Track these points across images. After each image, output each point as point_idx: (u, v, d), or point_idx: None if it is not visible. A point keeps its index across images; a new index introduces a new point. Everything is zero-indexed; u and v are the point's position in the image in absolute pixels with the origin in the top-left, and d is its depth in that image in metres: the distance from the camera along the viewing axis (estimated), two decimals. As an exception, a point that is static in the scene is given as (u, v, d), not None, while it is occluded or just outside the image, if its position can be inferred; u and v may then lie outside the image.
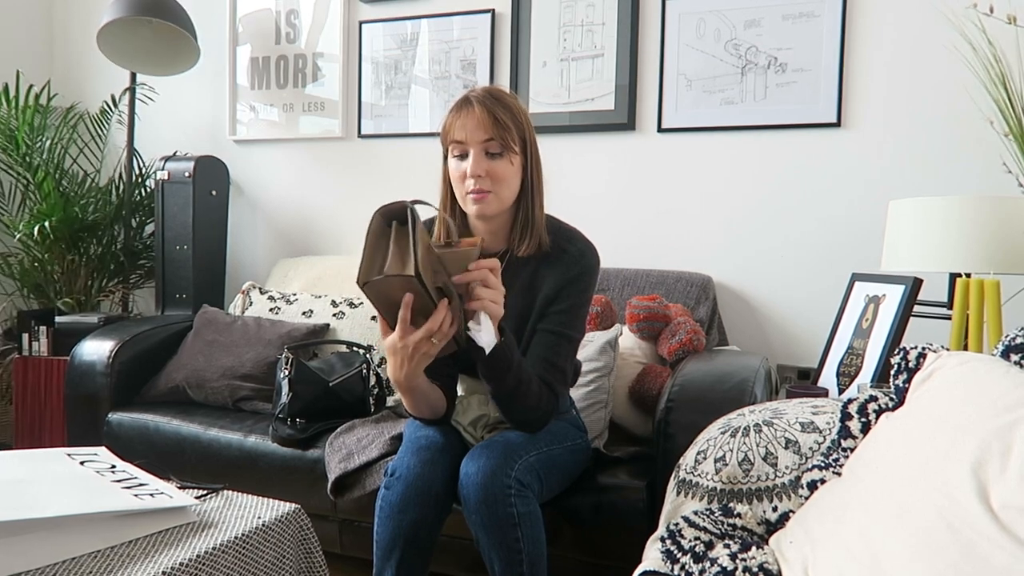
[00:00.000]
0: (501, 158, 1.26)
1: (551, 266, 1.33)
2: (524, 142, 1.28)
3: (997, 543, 0.66)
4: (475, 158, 1.24)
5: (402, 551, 1.22)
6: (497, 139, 1.24)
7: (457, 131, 1.25)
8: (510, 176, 1.27)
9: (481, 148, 1.25)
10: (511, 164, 1.27)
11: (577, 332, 1.34)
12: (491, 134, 1.24)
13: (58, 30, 3.10)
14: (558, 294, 1.32)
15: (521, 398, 1.24)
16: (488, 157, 1.25)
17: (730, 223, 2.19)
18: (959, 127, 1.95)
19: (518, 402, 1.25)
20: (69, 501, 0.99)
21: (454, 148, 1.28)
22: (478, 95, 1.26)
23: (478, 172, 1.24)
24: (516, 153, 1.27)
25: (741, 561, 0.88)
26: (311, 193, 2.72)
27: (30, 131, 2.65)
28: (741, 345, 2.18)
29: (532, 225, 1.31)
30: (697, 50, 2.17)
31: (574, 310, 1.33)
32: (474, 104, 1.25)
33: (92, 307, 2.75)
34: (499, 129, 1.24)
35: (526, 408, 1.26)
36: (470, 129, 1.24)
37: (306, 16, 2.66)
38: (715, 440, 1.13)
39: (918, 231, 1.57)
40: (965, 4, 1.89)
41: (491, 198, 1.26)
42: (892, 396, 1.00)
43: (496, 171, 1.25)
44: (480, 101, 1.25)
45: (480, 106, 1.24)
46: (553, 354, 1.31)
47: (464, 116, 1.25)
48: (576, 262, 1.33)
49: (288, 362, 1.79)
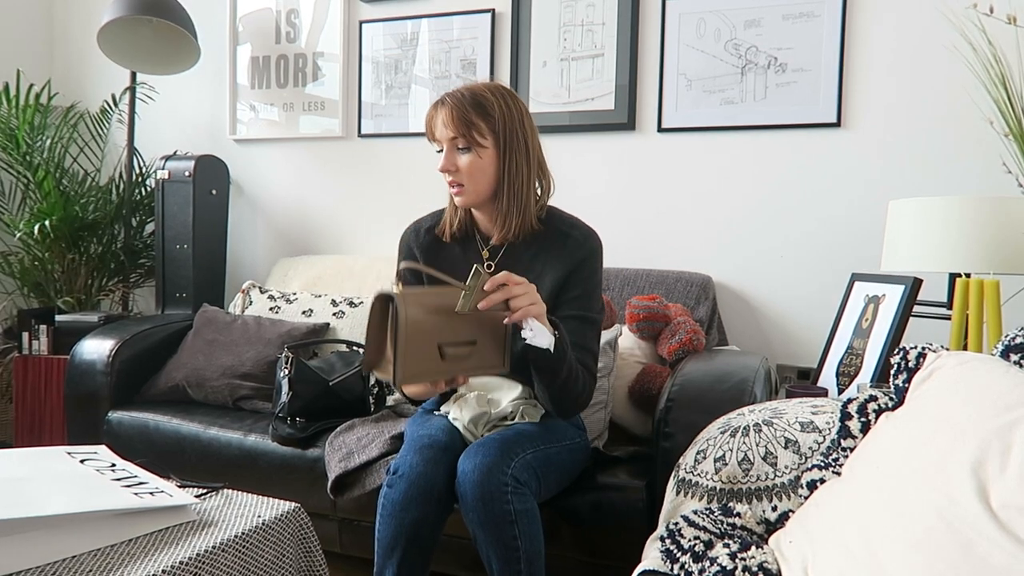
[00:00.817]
0: (469, 152, 1.32)
1: (554, 250, 1.39)
2: (497, 135, 1.33)
3: (996, 543, 0.66)
4: (446, 154, 1.34)
5: (404, 549, 1.22)
6: (461, 135, 1.31)
7: (434, 128, 1.35)
8: (478, 169, 1.33)
9: (451, 144, 1.33)
10: (479, 158, 1.33)
11: (597, 313, 1.40)
12: (456, 131, 1.31)
13: (58, 29, 3.10)
14: (568, 279, 1.37)
15: (572, 384, 1.30)
16: (458, 152, 1.33)
17: (730, 223, 2.19)
18: (959, 127, 1.95)
19: (569, 390, 1.30)
20: (69, 499, 0.99)
21: (435, 144, 1.36)
22: (453, 92, 1.34)
23: (447, 167, 1.33)
24: (484, 147, 1.33)
25: (741, 560, 0.88)
26: (311, 192, 2.72)
27: (30, 130, 2.65)
28: (741, 345, 2.18)
29: (513, 213, 1.37)
30: (697, 50, 2.17)
31: (589, 292, 1.39)
32: (446, 101, 1.32)
33: (92, 306, 2.75)
34: (464, 127, 1.30)
35: (575, 394, 1.32)
36: (438, 127, 1.33)
37: (306, 16, 2.66)
38: (715, 440, 1.13)
39: (918, 231, 1.57)
40: (965, 4, 1.89)
41: (464, 190, 1.34)
42: (892, 396, 1.00)
43: (465, 165, 1.33)
44: (453, 97, 1.32)
45: (451, 102, 1.32)
46: (581, 338, 1.36)
47: (438, 113, 1.33)
48: (581, 246, 1.39)
49: (288, 361, 1.79)
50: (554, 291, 1.38)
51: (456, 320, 1.16)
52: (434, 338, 1.14)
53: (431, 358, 1.15)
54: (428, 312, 1.14)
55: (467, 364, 1.19)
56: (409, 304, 1.11)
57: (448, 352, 1.16)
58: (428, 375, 1.17)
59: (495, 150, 1.34)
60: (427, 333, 1.13)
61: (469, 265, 1.34)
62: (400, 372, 1.12)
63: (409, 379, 1.14)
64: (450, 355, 1.16)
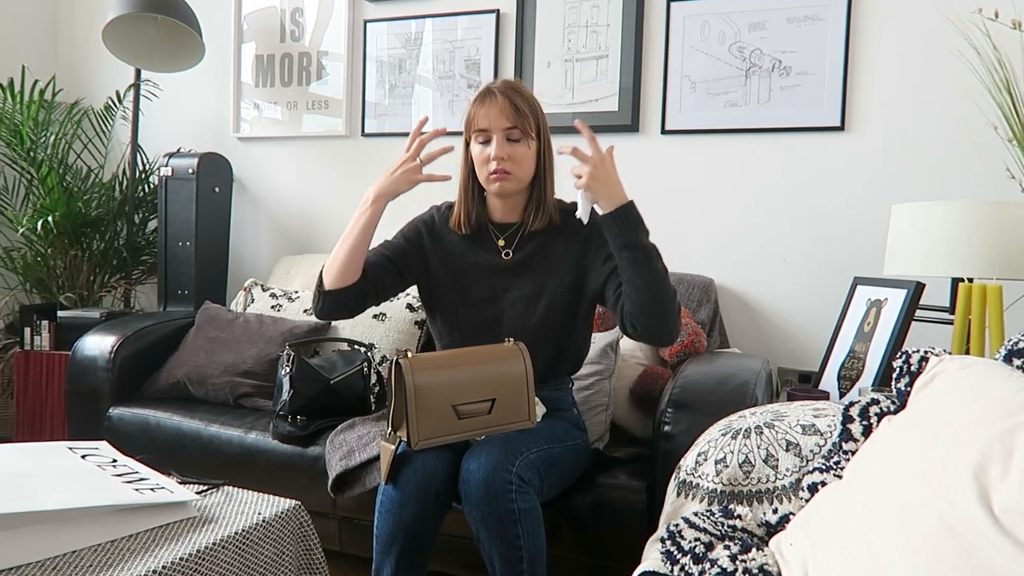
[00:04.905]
0: (520, 143, 1.39)
1: (563, 234, 1.46)
2: (539, 129, 1.42)
3: (998, 547, 0.66)
4: (498, 143, 1.38)
5: (402, 546, 1.23)
6: (517, 126, 1.37)
7: (481, 119, 1.38)
8: (527, 159, 1.41)
9: (503, 134, 1.38)
10: (528, 148, 1.40)
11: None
12: (512, 122, 1.37)
13: (63, 26, 3.11)
14: (592, 256, 1.43)
15: (667, 289, 1.31)
16: (509, 142, 1.38)
17: (733, 225, 2.19)
18: (963, 132, 1.95)
19: (668, 299, 1.31)
20: (70, 494, 0.99)
21: (478, 136, 1.41)
22: (499, 86, 1.40)
23: (501, 155, 1.37)
24: (533, 139, 1.40)
25: (741, 563, 0.88)
26: (314, 191, 2.72)
27: (34, 126, 2.65)
28: (742, 348, 2.17)
29: (544, 202, 1.45)
30: (701, 52, 2.17)
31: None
32: (496, 94, 1.38)
33: (94, 302, 2.75)
34: (519, 117, 1.37)
35: (672, 303, 1.33)
36: (493, 117, 1.37)
37: (311, 14, 2.67)
38: (716, 442, 1.13)
39: (921, 235, 1.57)
40: (970, 9, 1.89)
41: (511, 178, 1.40)
42: (894, 400, 1.00)
43: (516, 154, 1.39)
44: (502, 92, 1.38)
45: (502, 96, 1.38)
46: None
47: (488, 105, 1.38)
48: (589, 224, 1.44)
49: (289, 359, 1.79)
50: (576, 268, 1.44)
51: (473, 378, 1.25)
52: (447, 399, 1.23)
53: (446, 418, 1.23)
54: (439, 373, 1.23)
55: (488, 421, 1.26)
56: (416, 370, 1.21)
57: (464, 411, 1.24)
58: (445, 435, 1.24)
59: (537, 142, 1.42)
60: (438, 395, 1.23)
61: (478, 254, 1.46)
62: (413, 436, 1.21)
63: (424, 441, 1.22)
64: (467, 413, 1.24)
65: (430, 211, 1.55)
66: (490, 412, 1.26)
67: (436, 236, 1.51)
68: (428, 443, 1.23)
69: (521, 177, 1.41)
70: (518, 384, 1.28)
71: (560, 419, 1.46)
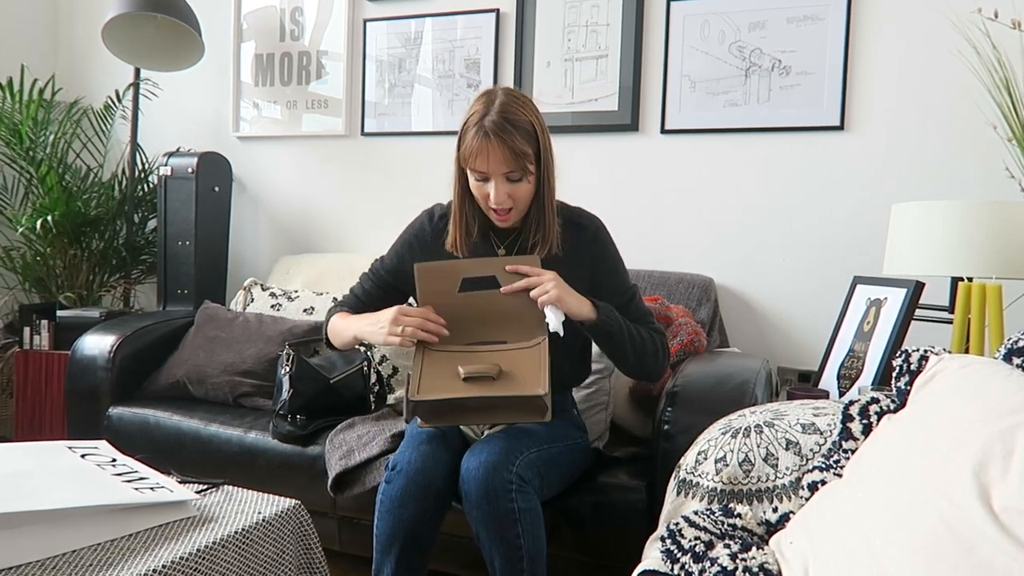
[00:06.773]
0: (520, 181, 1.33)
1: (567, 241, 1.42)
2: (538, 154, 1.34)
3: (998, 546, 0.66)
4: (497, 187, 1.31)
5: (401, 545, 1.23)
6: (516, 169, 1.31)
7: (479, 163, 1.30)
8: (527, 194, 1.36)
9: (503, 177, 1.32)
10: (529, 183, 1.34)
11: (632, 283, 1.49)
12: (511, 166, 1.30)
13: (63, 25, 3.10)
14: (595, 268, 1.44)
15: (640, 349, 1.39)
16: (509, 182, 1.32)
17: (732, 225, 2.19)
18: (962, 131, 1.95)
19: (645, 356, 1.39)
20: (70, 494, 0.99)
21: (475, 174, 1.33)
22: (493, 125, 1.28)
23: (501, 199, 1.32)
24: (532, 171, 1.34)
25: (741, 561, 0.88)
26: (313, 190, 2.72)
27: (34, 125, 2.65)
28: (742, 347, 2.17)
29: (544, 221, 1.39)
30: (701, 52, 2.17)
31: (619, 272, 1.47)
32: (492, 139, 1.28)
33: (93, 302, 2.75)
34: (518, 160, 1.29)
35: (651, 355, 1.41)
36: (492, 164, 1.30)
37: (310, 14, 2.67)
38: (716, 441, 1.13)
39: (920, 235, 1.57)
40: (970, 9, 1.89)
41: (512, 214, 1.37)
42: (894, 398, 1.00)
43: (517, 193, 1.34)
44: (497, 134, 1.27)
45: (498, 140, 1.27)
46: (636, 310, 1.45)
47: (485, 151, 1.29)
48: (595, 237, 1.45)
49: (289, 359, 1.79)
50: (582, 280, 1.41)
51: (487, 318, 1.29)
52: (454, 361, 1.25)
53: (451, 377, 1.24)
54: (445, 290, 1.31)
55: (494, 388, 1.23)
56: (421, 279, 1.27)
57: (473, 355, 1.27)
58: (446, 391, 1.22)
59: (537, 169, 1.35)
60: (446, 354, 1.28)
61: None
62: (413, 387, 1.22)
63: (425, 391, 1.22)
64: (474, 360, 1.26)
65: (420, 220, 1.50)
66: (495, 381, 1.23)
67: (429, 251, 1.46)
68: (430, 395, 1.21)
69: (523, 208, 1.37)
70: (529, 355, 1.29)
71: (560, 419, 1.46)
